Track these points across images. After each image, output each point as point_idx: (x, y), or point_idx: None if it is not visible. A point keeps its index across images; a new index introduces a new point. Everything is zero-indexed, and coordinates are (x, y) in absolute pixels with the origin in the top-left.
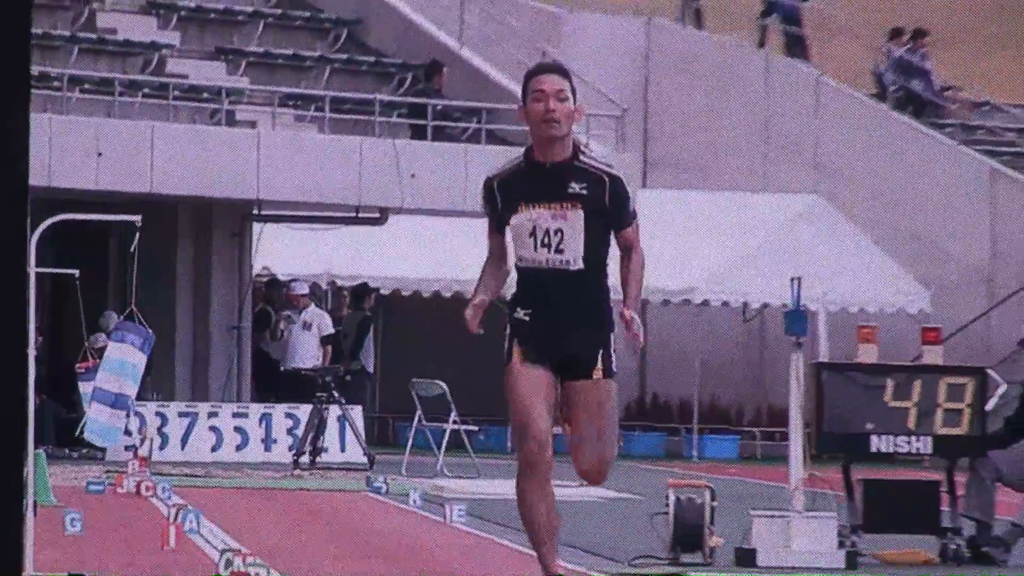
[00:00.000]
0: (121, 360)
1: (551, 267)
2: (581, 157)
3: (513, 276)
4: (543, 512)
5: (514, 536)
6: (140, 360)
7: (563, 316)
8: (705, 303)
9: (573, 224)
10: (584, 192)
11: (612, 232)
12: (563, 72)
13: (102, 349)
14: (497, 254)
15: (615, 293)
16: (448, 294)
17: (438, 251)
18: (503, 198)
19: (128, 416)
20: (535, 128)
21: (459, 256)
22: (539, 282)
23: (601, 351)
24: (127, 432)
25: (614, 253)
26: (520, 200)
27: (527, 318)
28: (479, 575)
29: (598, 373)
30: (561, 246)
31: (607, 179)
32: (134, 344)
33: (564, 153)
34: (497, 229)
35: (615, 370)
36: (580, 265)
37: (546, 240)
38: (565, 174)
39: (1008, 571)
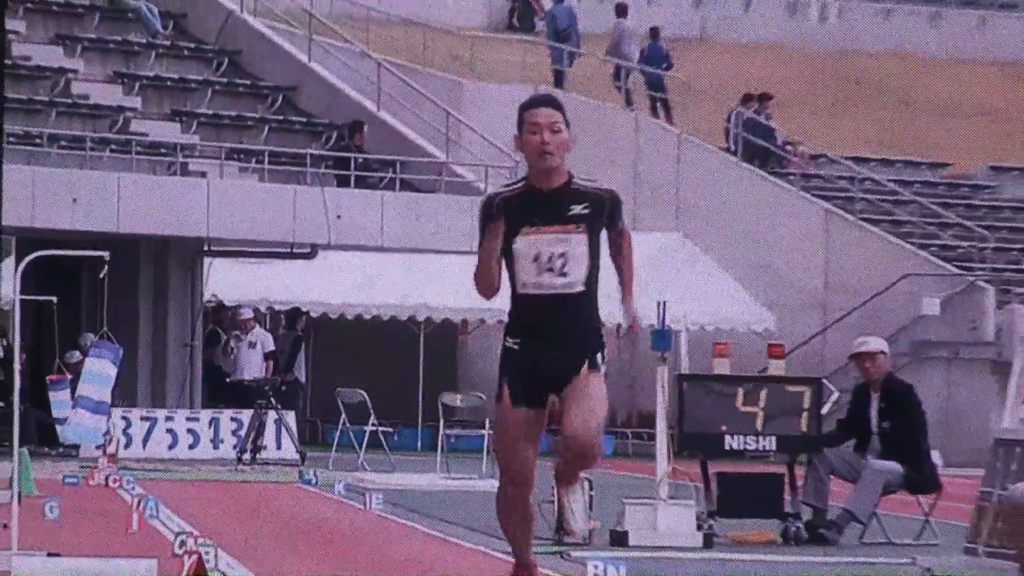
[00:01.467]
0: (99, 372)
1: (553, 292)
2: (575, 181)
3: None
4: (521, 532)
5: (423, 521)
6: (112, 371)
7: (556, 343)
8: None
9: (577, 246)
10: (586, 212)
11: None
12: (556, 104)
13: (74, 364)
14: (493, 258)
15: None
16: (368, 316)
17: (359, 281)
18: (506, 217)
19: (108, 419)
20: (531, 159)
21: (377, 285)
22: (538, 308)
23: (587, 359)
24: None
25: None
26: (523, 223)
27: (516, 347)
28: (394, 553)
29: (584, 370)
30: (565, 269)
31: (606, 196)
32: (107, 358)
33: (560, 179)
34: (488, 237)
35: (601, 365)
36: (581, 287)
37: (550, 264)
38: (564, 198)
39: (839, 549)
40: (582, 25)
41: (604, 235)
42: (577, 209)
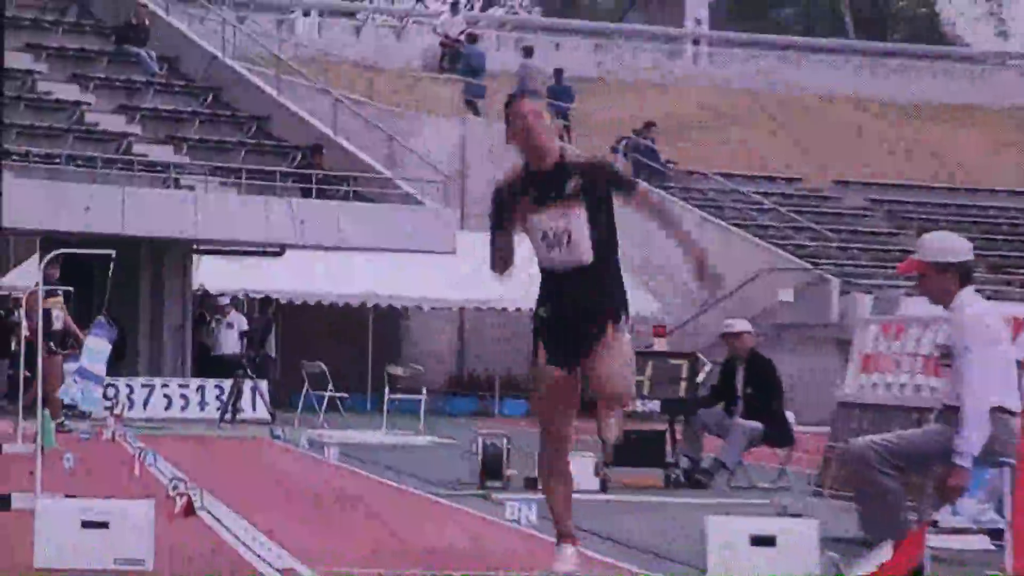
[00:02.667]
0: (95, 348)
1: (564, 267)
2: (567, 158)
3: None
4: (561, 492)
5: (371, 469)
6: (106, 348)
7: (578, 314)
8: (504, 309)
9: (577, 220)
10: (579, 186)
11: (626, 202)
12: (535, 94)
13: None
14: (505, 254)
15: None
16: (327, 303)
17: (320, 274)
18: (509, 202)
19: (101, 387)
20: (523, 146)
21: (334, 278)
22: (556, 281)
23: (610, 322)
24: (105, 397)
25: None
26: (525, 206)
27: (545, 315)
28: (348, 494)
29: (609, 330)
30: (570, 244)
31: (596, 165)
32: (103, 336)
33: (553, 159)
34: (499, 227)
35: (624, 327)
36: (591, 258)
37: (555, 241)
38: (560, 176)
39: (711, 492)
40: (497, 65)
41: (615, 203)
42: (571, 185)
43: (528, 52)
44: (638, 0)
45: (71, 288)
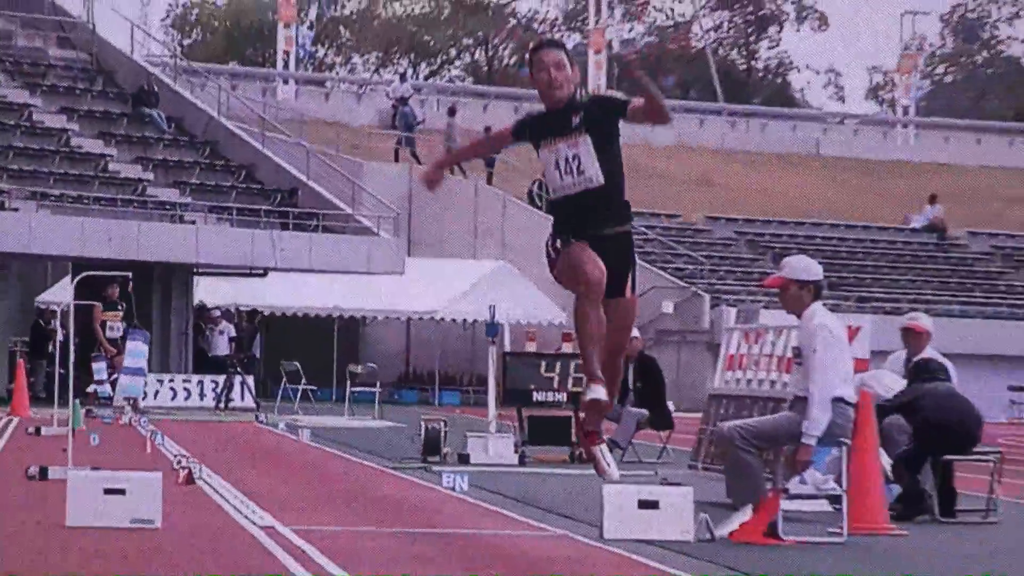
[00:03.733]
0: (135, 350)
1: (577, 189)
2: (577, 97)
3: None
4: (594, 347)
5: (336, 447)
6: (145, 348)
7: (598, 227)
8: (442, 319)
9: (584, 147)
10: (582, 120)
11: (625, 119)
12: (559, 45)
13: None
14: (497, 140)
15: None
16: (300, 315)
17: (295, 291)
18: (531, 130)
19: (145, 378)
20: (542, 94)
21: (306, 294)
22: (572, 204)
23: (630, 270)
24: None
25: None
26: (542, 137)
27: (568, 233)
28: (315, 466)
29: (628, 292)
30: (581, 168)
31: (593, 100)
32: (139, 340)
33: (565, 100)
34: (512, 133)
35: (635, 290)
36: (601, 180)
37: (568, 168)
38: (569, 112)
39: (617, 465)
40: (431, 122)
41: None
42: (576, 119)
43: (452, 111)
44: None
45: (97, 303)
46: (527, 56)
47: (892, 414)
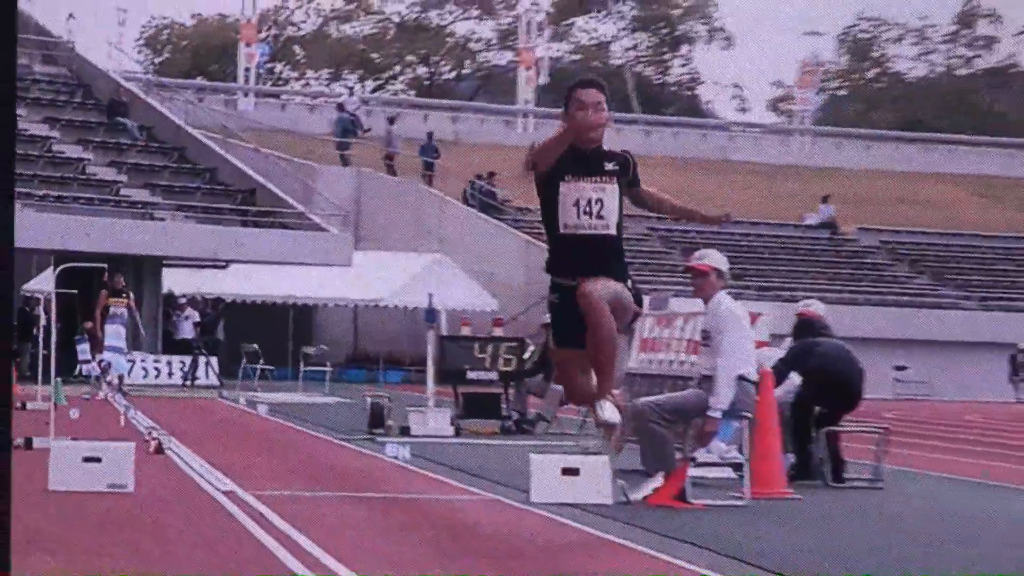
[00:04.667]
0: (114, 332)
1: (592, 232)
2: (603, 145)
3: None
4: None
5: (291, 420)
6: (123, 330)
7: (598, 272)
8: (386, 306)
9: (610, 195)
10: (616, 169)
11: (628, 193)
12: (601, 86)
13: (88, 328)
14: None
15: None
16: (259, 301)
17: (254, 281)
18: (556, 166)
19: (128, 354)
20: (578, 131)
21: (265, 283)
22: (579, 247)
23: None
24: (104, 371)
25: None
26: (566, 172)
27: (557, 301)
28: (272, 436)
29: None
30: (602, 213)
31: (628, 157)
32: (117, 323)
33: (598, 143)
34: (535, 168)
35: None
36: (614, 230)
37: (588, 208)
38: (601, 156)
39: (534, 436)
40: (380, 130)
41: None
42: (609, 166)
43: (391, 120)
44: (484, 84)
45: (75, 291)
46: (567, 91)
47: (786, 369)
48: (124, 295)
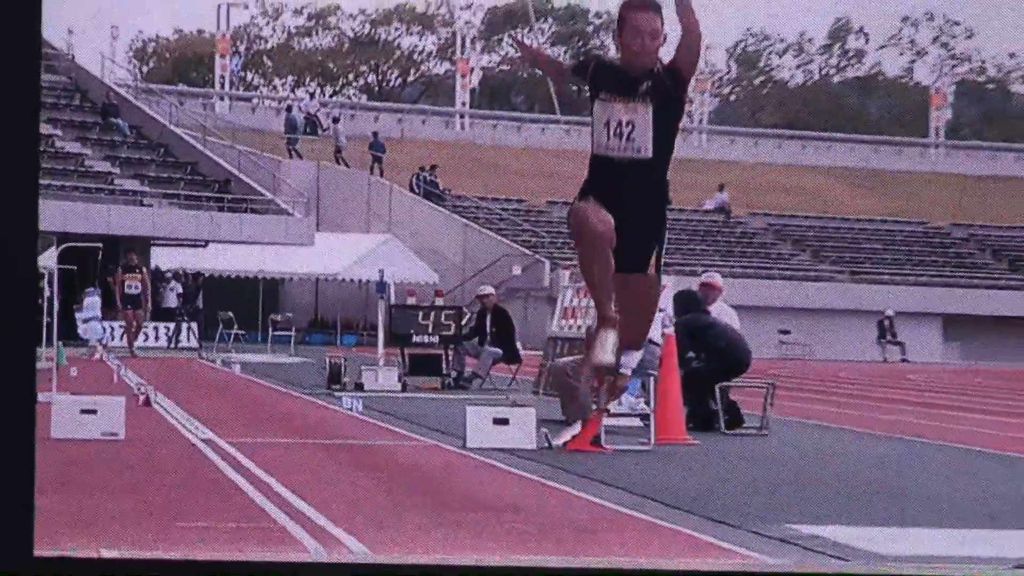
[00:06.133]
0: (91, 304)
1: (622, 155)
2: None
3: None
4: (604, 279)
5: (262, 378)
6: (98, 302)
7: (629, 205)
8: (343, 280)
9: (643, 117)
10: (653, 88)
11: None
12: (657, 8)
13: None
14: (556, 66)
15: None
16: (233, 276)
17: (229, 257)
18: (592, 76)
19: (100, 322)
20: (628, 57)
21: (239, 259)
22: (610, 170)
23: (656, 248)
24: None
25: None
26: (602, 88)
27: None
28: (243, 393)
29: (652, 269)
30: (632, 135)
31: (666, 69)
32: (93, 295)
33: (652, 67)
34: (572, 70)
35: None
36: (649, 154)
37: (618, 131)
38: (640, 78)
39: (470, 392)
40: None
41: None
42: (644, 86)
43: (335, 120)
44: (428, 89)
45: (74, 267)
46: (620, 12)
47: (686, 345)
48: (138, 271)
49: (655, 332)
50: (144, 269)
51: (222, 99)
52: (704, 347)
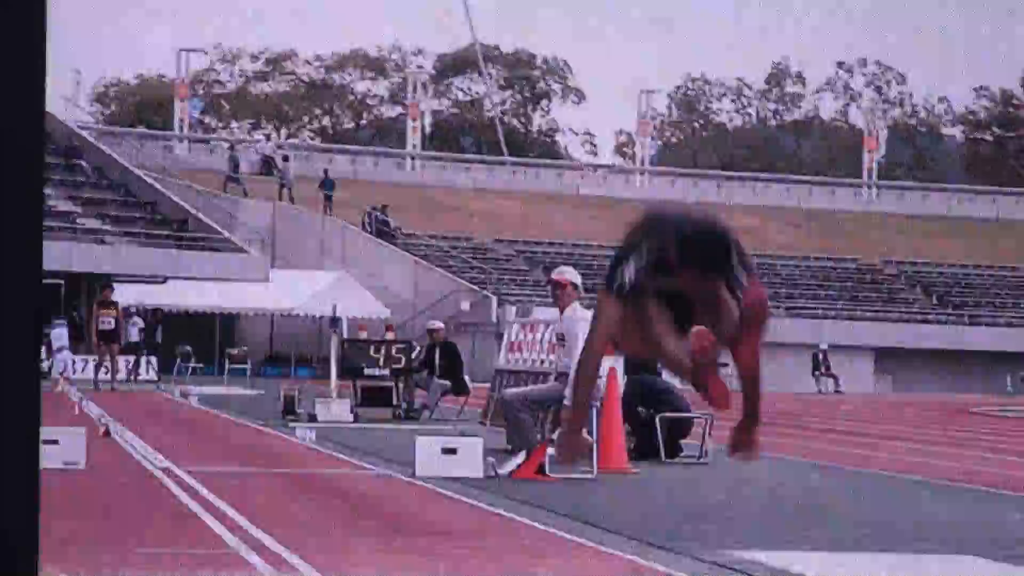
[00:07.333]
0: (60, 335)
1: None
2: None
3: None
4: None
5: (220, 409)
6: (65, 333)
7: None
8: (297, 315)
9: None
10: None
11: None
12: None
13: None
14: (614, 327)
15: None
16: (191, 312)
17: (188, 294)
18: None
19: (69, 353)
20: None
21: (195, 295)
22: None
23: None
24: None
25: None
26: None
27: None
28: (200, 423)
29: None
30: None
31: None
32: (62, 327)
33: None
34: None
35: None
36: None
37: None
38: None
39: (419, 422)
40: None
41: None
42: None
43: (285, 159)
44: (378, 132)
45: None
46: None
47: (635, 398)
48: (112, 306)
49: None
50: (118, 305)
51: (181, 141)
52: (656, 408)
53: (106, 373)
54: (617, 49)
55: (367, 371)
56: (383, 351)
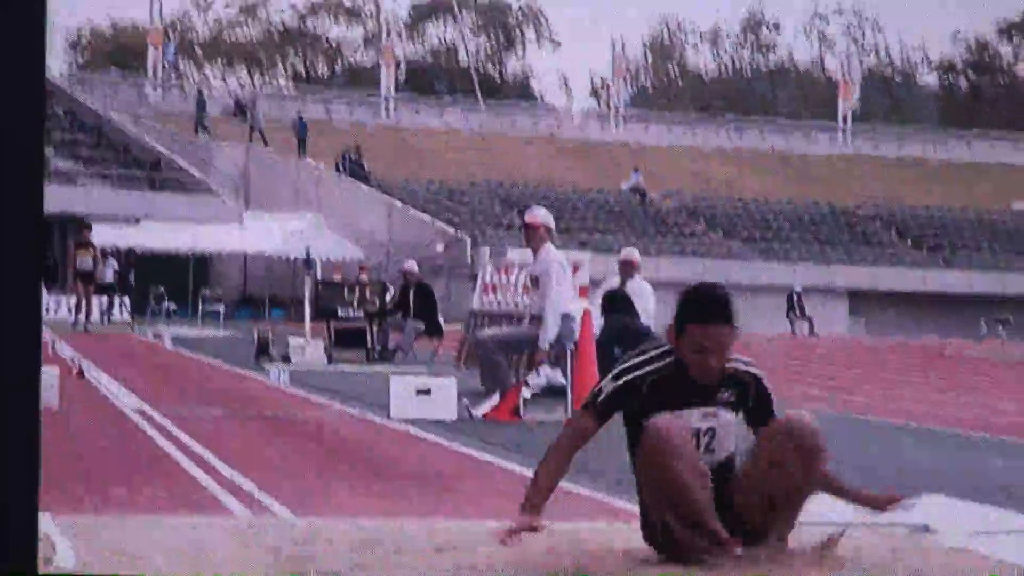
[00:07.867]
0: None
1: (710, 464)
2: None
3: None
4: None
5: (193, 351)
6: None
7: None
8: (271, 257)
9: (725, 424)
10: (733, 399)
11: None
12: (730, 317)
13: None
14: (580, 439)
15: None
16: (165, 254)
17: (162, 234)
18: (649, 399)
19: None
20: (694, 369)
21: (170, 237)
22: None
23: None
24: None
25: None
26: (669, 407)
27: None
28: (174, 365)
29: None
30: (712, 445)
31: (751, 380)
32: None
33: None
34: (602, 416)
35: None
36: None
37: (696, 440)
38: (716, 384)
39: (395, 364)
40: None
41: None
42: (726, 395)
43: (253, 103)
44: (353, 78)
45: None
46: (687, 310)
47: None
48: (90, 247)
49: (571, 307)
50: (95, 245)
51: (155, 88)
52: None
53: (81, 313)
54: None
55: (341, 313)
56: (357, 293)
